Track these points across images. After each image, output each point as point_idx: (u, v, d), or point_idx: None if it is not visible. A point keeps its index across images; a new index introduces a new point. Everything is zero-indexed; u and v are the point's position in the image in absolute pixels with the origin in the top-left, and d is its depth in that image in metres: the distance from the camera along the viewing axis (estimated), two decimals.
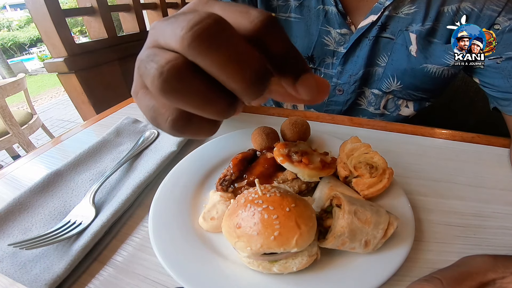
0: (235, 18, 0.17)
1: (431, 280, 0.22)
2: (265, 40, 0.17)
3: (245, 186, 0.38)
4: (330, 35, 0.65)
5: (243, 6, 0.17)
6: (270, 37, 0.17)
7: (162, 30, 0.17)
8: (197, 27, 0.14)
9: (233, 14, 0.17)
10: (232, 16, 0.17)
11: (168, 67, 0.15)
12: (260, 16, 0.16)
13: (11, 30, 9.86)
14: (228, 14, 0.17)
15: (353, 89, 0.69)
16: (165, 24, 0.16)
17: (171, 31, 0.15)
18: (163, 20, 0.17)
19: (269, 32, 0.17)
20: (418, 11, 0.56)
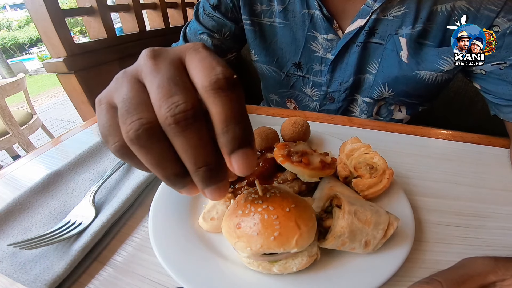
0: (196, 73, 0.20)
1: (431, 282, 0.21)
2: (210, 109, 0.19)
3: (245, 186, 0.38)
4: (317, 41, 0.63)
5: (211, 62, 0.20)
6: (214, 108, 0.19)
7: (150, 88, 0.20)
8: (172, 111, 0.18)
9: (196, 70, 0.20)
10: (194, 72, 0.20)
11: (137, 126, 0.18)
12: (213, 84, 0.19)
13: (11, 30, 9.86)
14: (195, 66, 0.20)
15: (344, 97, 0.67)
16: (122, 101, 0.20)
17: (156, 103, 0.19)
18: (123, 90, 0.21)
19: (215, 103, 0.19)
20: (407, 13, 0.53)
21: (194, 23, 0.69)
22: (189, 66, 0.21)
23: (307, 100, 0.74)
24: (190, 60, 0.21)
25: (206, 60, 0.20)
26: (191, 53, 0.21)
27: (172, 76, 0.20)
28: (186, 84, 0.20)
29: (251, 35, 0.69)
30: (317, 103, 0.72)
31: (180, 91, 0.19)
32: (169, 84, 0.19)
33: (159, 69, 0.20)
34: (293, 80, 0.71)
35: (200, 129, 0.19)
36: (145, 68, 0.21)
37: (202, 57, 0.21)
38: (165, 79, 0.19)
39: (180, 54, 0.22)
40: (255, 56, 0.72)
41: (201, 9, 0.68)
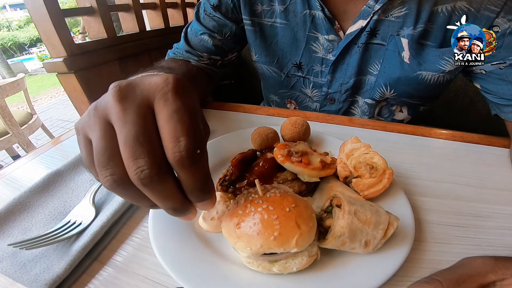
0: (163, 134, 0.22)
1: (432, 281, 0.21)
2: (179, 175, 0.23)
3: (245, 186, 0.38)
4: (318, 42, 0.62)
5: (176, 128, 0.22)
6: (180, 175, 0.23)
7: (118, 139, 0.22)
8: (139, 175, 0.21)
9: (163, 131, 0.22)
10: (162, 131, 0.22)
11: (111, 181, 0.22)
12: (177, 162, 0.21)
13: (11, 30, 9.85)
14: (162, 124, 0.22)
15: (345, 98, 0.67)
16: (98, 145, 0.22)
17: (124, 160, 0.21)
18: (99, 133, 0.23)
19: (179, 173, 0.22)
20: (409, 13, 0.53)
21: (195, 23, 0.69)
22: (158, 117, 0.23)
23: (308, 101, 0.74)
24: (158, 110, 0.23)
25: (173, 122, 0.22)
26: (160, 101, 0.23)
27: (137, 133, 0.21)
28: (152, 142, 0.22)
29: (251, 36, 0.69)
30: (318, 104, 0.72)
31: (144, 153, 0.21)
32: (135, 144, 0.21)
33: (126, 118, 0.22)
34: (293, 80, 0.71)
35: (164, 184, 0.22)
36: (113, 113, 0.22)
37: (170, 113, 0.22)
38: (132, 136, 0.21)
39: (148, 97, 0.23)
40: (256, 56, 0.72)
41: (202, 10, 0.68)
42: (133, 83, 0.24)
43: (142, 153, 0.21)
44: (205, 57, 0.69)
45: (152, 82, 0.23)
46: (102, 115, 0.23)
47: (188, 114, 0.22)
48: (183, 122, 0.22)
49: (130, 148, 0.21)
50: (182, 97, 0.23)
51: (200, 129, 0.24)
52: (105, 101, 0.23)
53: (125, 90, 0.23)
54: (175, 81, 0.23)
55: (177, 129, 0.21)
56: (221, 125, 0.60)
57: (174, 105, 0.22)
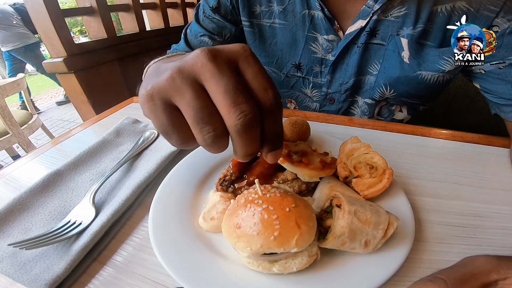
0: (254, 87, 0.25)
1: (435, 280, 0.21)
2: (267, 121, 0.26)
3: (245, 186, 0.38)
4: (317, 42, 0.62)
5: (263, 83, 0.25)
6: (266, 123, 0.26)
7: (216, 92, 0.24)
8: (242, 120, 0.23)
9: (254, 84, 0.25)
10: (253, 85, 0.25)
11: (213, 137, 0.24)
12: (268, 109, 0.25)
13: None
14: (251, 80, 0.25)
15: (344, 98, 0.67)
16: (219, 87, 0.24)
17: (224, 108, 0.23)
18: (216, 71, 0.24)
19: (268, 120, 0.26)
20: (408, 13, 0.53)
21: (194, 25, 0.69)
22: (246, 76, 0.26)
23: (307, 101, 0.74)
24: (244, 69, 0.26)
25: (259, 78, 0.26)
26: (244, 62, 0.26)
27: (235, 84, 0.24)
28: (248, 93, 0.25)
29: (250, 37, 0.69)
30: (317, 104, 0.72)
31: (245, 100, 0.24)
32: (235, 93, 0.23)
33: (222, 74, 0.24)
34: (293, 81, 0.71)
35: (257, 129, 0.25)
36: (207, 71, 0.24)
37: (255, 71, 0.26)
38: (231, 86, 0.24)
39: (234, 58, 0.26)
40: None
41: (201, 12, 0.68)
42: (216, 48, 0.26)
43: (244, 99, 0.23)
44: None
45: (234, 48, 0.26)
46: (191, 77, 0.24)
47: (266, 73, 0.26)
48: (267, 77, 0.26)
49: (231, 96, 0.23)
50: (258, 61, 0.27)
51: (275, 85, 0.27)
52: (193, 63, 0.25)
53: (214, 52, 0.25)
54: (250, 49, 0.27)
55: (264, 82, 0.25)
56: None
57: (257, 66, 0.26)
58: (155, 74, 0.27)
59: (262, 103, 0.25)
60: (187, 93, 0.24)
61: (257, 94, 0.25)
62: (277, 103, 0.26)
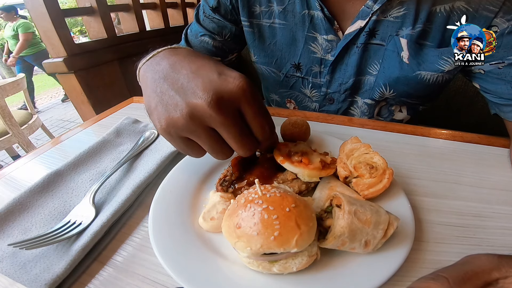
0: (253, 127, 0.34)
1: (437, 278, 0.21)
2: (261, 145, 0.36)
3: (245, 186, 0.38)
4: (317, 42, 0.62)
5: (261, 122, 0.34)
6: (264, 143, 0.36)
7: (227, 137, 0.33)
8: (246, 153, 0.34)
9: (252, 124, 0.34)
10: (252, 125, 0.34)
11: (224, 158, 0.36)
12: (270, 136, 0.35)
13: None
14: (250, 120, 0.33)
15: (344, 98, 0.67)
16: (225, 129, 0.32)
17: (234, 148, 0.34)
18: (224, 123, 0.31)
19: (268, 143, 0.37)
20: (407, 14, 0.53)
21: (195, 25, 0.69)
22: (246, 116, 0.33)
23: (307, 101, 0.74)
24: (245, 112, 0.32)
25: (257, 119, 0.33)
26: (244, 105, 0.32)
27: (240, 131, 0.32)
28: (247, 135, 0.33)
29: (250, 37, 0.69)
30: (317, 104, 0.72)
31: (249, 142, 0.33)
32: (242, 138, 0.32)
33: (229, 124, 0.31)
34: (292, 81, 0.71)
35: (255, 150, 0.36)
36: (216, 122, 0.31)
37: (254, 113, 0.32)
38: (237, 133, 0.32)
39: (236, 103, 0.31)
40: (255, 57, 0.72)
41: (201, 12, 0.68)
42: (217, 92, 0.31)
43: (248, 142, 0.33)
44: None
45: (232, 90, 0.31)
46: (203, 124, 0.31)
47: (263, 110, 0.34)
48: (263, 115, 0.34)
49: (239, 141, 0.32)
50: (257, 99, 0.32)
51: (270, 116, 0.35)
52: (202, 111, 0.30)
53: (219, 102, 0.30)
54: (248, 86, 0.32)
55: (261, 122, 0.33)
56: None
57: (255, 106, 0.32)
58: (159, 99, 0.33)
59: (260, 138, 0.35)
60: (202, 136, 0.32)
61: (256, 132, 0.34)
62: (272, 132, 0.35)
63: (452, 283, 0.21)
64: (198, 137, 0.32)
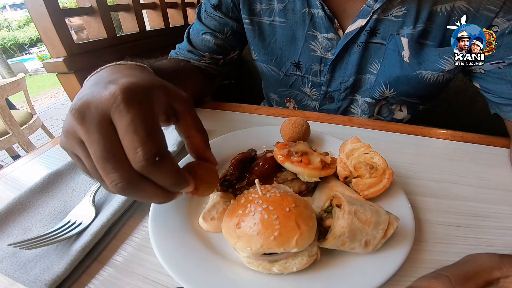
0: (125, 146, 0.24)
1: (439, 277, 0.21)
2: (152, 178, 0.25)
3: (245, 186, 0.38)
4: (317, 40, 0.62)
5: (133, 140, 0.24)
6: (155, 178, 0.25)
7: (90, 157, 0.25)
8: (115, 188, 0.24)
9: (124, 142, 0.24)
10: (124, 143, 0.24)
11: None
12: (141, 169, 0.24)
13: (11, 30, 9.85)
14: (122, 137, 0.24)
15: (344, 96, 0.67)
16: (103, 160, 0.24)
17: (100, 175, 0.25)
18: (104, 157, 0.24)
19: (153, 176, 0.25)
20: (408, 13, 0.53)
21: (196, 23, 0.69)
22: (118, 132, 0.24)
23: (307, 100, 0.74)
24: (115, 124, 0.24)
25: (129, 135, 0.23)
26: (114, 114, 0.24)
27: (103, 151, 0.23)
28: (118, 157, 0.24)
29: (250, 34, 0.69)
30: (317, 103, 0.72)
31: (113, 168, 0.23)
32: (103, 162, 0.23)
33: (91, 139, 0.24)
34: (292, 79, 0.71)
35: (141, 188, 0.25)
36: (80, 134, 0.24)
37: (125, 126, 0.23)
38: (99, 154, 0.23)
39: (104, 112, 0.24)
40: (255, 55, 0.72)
41: (203, 10, 0.68)
42: (87, 101, 0.25)
43: (112, 169, 0.23)
44: (207, 57, 0.69)
45: (103, 97, 0.24)
46: (74, 137, 0.25)
47: (141, 124, 0.24)
48: (138, 133, 0.23)
49: (100, 165, 0.24)
50: (134, 106, 0.24)
51: (156, 134, 0.25)
52: (70, 124, 0.25)
53: (82, 110, 0.24)
54: (125, 91, 0.24)
55: (133, 141, 0.23)
56: (221, 125, 0.60)
57: (128, 117, 0.24)
58: None
59: (134, 165, 0.24)
60: (79, 153, 0.26)
61: (128, 155, 0.24)
62: (150, 163, 0.23)
63: (453, 282, 0.21)
64: (77, 152, 0.26)
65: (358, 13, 0.56)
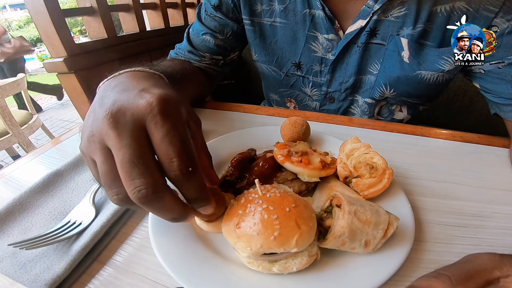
0: (159, 154, 0.25)
1: (439, 276, 0.21)
2: (178, 189, 0.26)
3: (245, 186, 0.38)
4: (317, 41, 0.62)
5: (168, 150, 0.24)
6: (183, 190, 0.26)
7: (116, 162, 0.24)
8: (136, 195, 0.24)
9: (159, 151, 0.25)
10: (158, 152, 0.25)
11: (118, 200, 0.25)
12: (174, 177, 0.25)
13: (11, 30, 9.86)
14: (157, 146, 0.25)
15: (344, 96, 0.67)
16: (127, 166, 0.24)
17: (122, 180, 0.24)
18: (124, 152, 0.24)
19: (179, 186, 0.26)
20: (408, 13, 0.53)
21: (196, 24, 0.69)
22: (152, 139, 0.25)
23: (307, 100, 0.74)
24: (151, 133, 0.25)
25: (165, 145, 0.24)
26: (150, 124, 0.24)
27: (132, 155, 0.23)
28: (147, 163, 0.24)
29: (251, 35, 0.69)
30: (317, 103, 0.72)
31: (140, 174, 0.23)
32: (130, 166, 0.23)
33: (122, 143, 0.24)
34: (292, 80, 0.71)
35: (162, 200, 0.25)
36: (109, 139, 0.24)
37: (161, 137, 0.24)
38: (126, 159, 0.23)
39: (139, 120, 0.25)
40: (255, 55, 0.72)
41: (203, 10, 0.68)
42: (123, 107, 0.25)
43: (138, 174, 0.23)
44: (207, 57, 0.69)
45: (140, 105, 0.25)
46: (100, 141, 0.25)
47: (177, 135, 0.25)
48: (174, 144, 0.24)
49: (125, 170, 0.23)
50: (170, 118, 0.25)
51: (190, 146, 0.26)
52: (99, 128, 0.25)
53: (117, 116, 0.25)
54: (161, 103, 0.25)
55: (169, 151, 0.24)
56: (221, 125, 0.60)
57: (164, 128, 0.24)
58: (87, 116, 0.28)
59: (167, 173, 0.25)
60: (97, 157, 0.25)
61: (163, 164, 0.24)
62: (183, 173, 0.24)
63: (454, 281, 0.21)
64: (97, 159, 0.25)
65: (358, 13, 0.56)
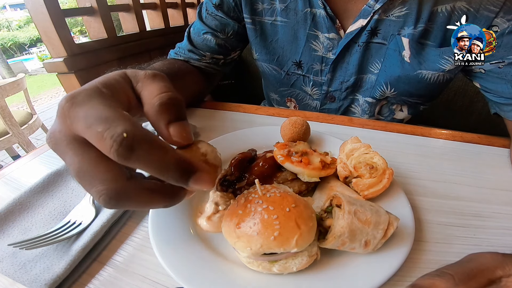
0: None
1: (443, 275, 0.21)
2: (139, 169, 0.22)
3: (245, 186, 0.38)
4: (318, 40, 0.63)
5: None
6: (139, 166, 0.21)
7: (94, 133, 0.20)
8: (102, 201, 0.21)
9: None
10: None
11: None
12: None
13: (11, 30, 9.86)
14: None
15: (345, 95, 0.67)
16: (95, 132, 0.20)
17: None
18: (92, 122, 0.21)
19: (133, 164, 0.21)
20: (409, 13, 0.54)
21: (197, 23, 0.69)
22: (81, 135, 0.22)
23: (308, 99, 0.74)
24: (76, 131, 0.22)
25: (90, 129, 0.21)
26: (72, 126, 0.22)
27: (78, 170, 0.21)
28: (91, 172, 0.21)
29: (252, 34, 0.69)
30: (318, 102, 0.72)
31: (90, 184, 0.21)
32: (80, 179, 0.22)
33: (65, 161, 0.22)
34: (293, 79, 0.71)
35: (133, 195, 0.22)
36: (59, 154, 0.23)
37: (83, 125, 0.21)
38: (75, 174, 0.21)
39: (66, 130, 0.22)
40: (256, 54, 0.72)
41: (204, 9, 0.68)
42: (52, 130, 0.23)
43: (88, 184, 0.21)
44: (208, 57, 0.69)
45: (59, 115, 0.23)
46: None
47: (93, 117, 0.21)
48: (97, 122, 0.20)
49: (80, 183, 0.21)
50: (81, 108, 0.22)
51: (117, 115, 0.21)
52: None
53: (53, 139, 0.23)
54: (67, 100, 0.23)
55: (96, 131, 0.20)
56: (221, 125, 0.60)
57: (80, 118, 0.21)
58: None
59: (109, 155, 0.20)
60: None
61: (100, 149, 0.20)
62: (121, 143, 0.19)
63: (457, 280, 0.21)
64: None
65: (359, 13, 0.56)
